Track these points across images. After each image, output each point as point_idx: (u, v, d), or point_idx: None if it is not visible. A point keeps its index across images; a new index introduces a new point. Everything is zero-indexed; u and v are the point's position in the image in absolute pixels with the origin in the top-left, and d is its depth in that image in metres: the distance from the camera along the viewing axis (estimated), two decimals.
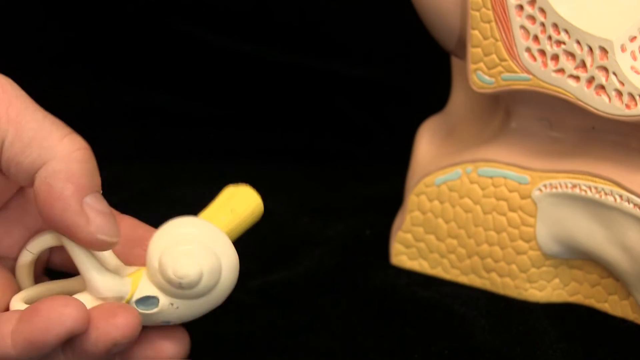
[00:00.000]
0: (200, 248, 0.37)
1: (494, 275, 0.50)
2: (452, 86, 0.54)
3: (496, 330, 0.47)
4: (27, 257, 0.39)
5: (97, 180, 0.36)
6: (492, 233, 0.49)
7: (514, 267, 0.49)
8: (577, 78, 0.44)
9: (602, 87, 0.43)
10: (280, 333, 0.47)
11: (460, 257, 0.51)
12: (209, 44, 0.70)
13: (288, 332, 0.47)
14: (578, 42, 0.43)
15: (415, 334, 0.47)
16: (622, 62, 0.43)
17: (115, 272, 0.38)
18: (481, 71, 0.47)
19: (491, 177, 0.49)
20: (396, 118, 0.70)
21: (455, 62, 0.53)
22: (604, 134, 0.46)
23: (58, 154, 0.36)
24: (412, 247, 0.52)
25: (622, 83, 0.43)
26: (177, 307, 0.37)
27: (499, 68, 0.46)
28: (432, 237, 0.51)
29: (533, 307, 0.49)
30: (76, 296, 0.37)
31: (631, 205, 0.45)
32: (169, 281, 0.36)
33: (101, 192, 0.37)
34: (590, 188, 0.46)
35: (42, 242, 0.39)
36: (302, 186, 0.64)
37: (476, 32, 0.46)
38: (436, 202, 0.51)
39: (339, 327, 0.47)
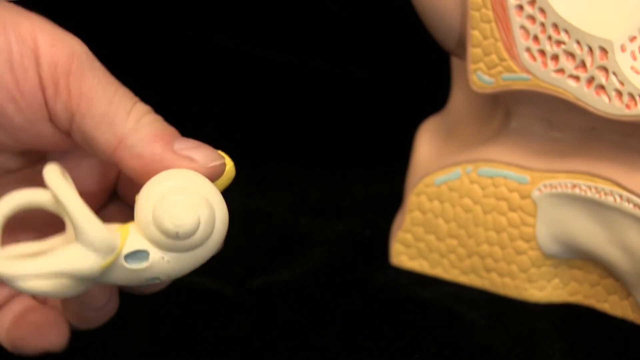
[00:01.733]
0: (195, 197, 0.36)
1: (494, 275, 0.50)
2: (452, 86, 0.54)
3: (496, 330, 0.47)
4: None
5: (172, 129, 0.37)
6: (492, 233, 0.49)
7: (514, 267, 0.49)
8: (577, 78, 0.44)
9: (602, 87, 0.43)
10: (280, 333, 0.47)
11: (460, 257, 0.51)
12: (209, 44, 0.70)
13: (288, 332, 0.47)
14: (578, 42, 0.43)
15: (415, 334, 0.47)
16: (622, 62, 0.43)
17: None
18: (481, 71, 0.47)
19: (491, 177, 0.49)
20: (396, 118, 0.70)
21: (455, 62, 0.53)
22: (604, 134, 0.46)
23: (130, 126, 0.36)
24: (412, 247, 0.52)
25: (622, 83, 0.43)
26: (168, 261, 0.36)
27: (499, 68, 0.46)
28: (432, 237, 0.51)
29: (533, 307, 0.49)
30: (66, 248, 0.36)
31: (631, 205, 0.45)
32: (165, 231, 0.35)
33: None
34: (590, 188, 0.46)
35: (15, 200, 0.36)
36: (302, 186, 0.64)
37: (476, 32, 0.46)
38: (436, 202, 0.51)
39: (339, 327, 0.47)
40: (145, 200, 0.36)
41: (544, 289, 0.49)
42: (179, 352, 0.45)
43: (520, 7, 0.45)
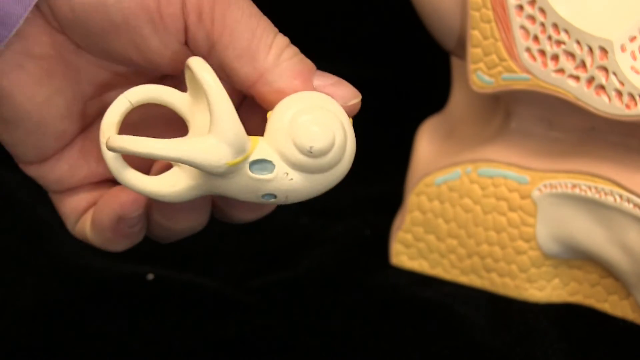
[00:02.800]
0: (334, 120, 0.35)
1: (494, 275, 0.50)
2: (452, 86, 0.54)
3: (496, 330, 0.47)
4: (121, 106, 0.35)
5: (310, 63, 0.37)
6: (492, 233, 0.49)
7: (514, 267, 0.49)
8: (577, 78, 0.44)
9: (602, 87, 0.43)
10: (281, 333, 0.47)
11: (460, 257, 0.51)
12: None
13: (288, 332, 0.47)
14: (578, 42, 0.43)
15: (415, 334, 0.47)
16: (622, 62, 0.43)
17: None
18: (481, 71, 0.47)
19: (491, 177, 0.49)
20: (396, 118, 0.70)
21: (455, 62, 0.53)
22: (604, 134, 0.46)
23: (271, 61, 0.36)
24: (412, 247, 0.52)
25: (622, 83, 0.43)
26: (292, 179, 0.35)
27: (499, 68, 0.46)
28: (432, 237, 0.51)
29: (533, 307, 0.49)
30: (197, 138, 0.35)
31: (631, 205, 0.45)
32: (299, 144, 0.35)
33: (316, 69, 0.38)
34: (590, 188, 0.46)
35: (149, 92, 0.36)
36: None
37: (476, 32, 0.46)
38: (436, 202, 0.51)
39: (339, 327, 0.47)
40: (283, 113, 0.35)
41: (544, 289, 0.49)
42: (178, 352, 0.45)
43: (520, 7, 0.45)
